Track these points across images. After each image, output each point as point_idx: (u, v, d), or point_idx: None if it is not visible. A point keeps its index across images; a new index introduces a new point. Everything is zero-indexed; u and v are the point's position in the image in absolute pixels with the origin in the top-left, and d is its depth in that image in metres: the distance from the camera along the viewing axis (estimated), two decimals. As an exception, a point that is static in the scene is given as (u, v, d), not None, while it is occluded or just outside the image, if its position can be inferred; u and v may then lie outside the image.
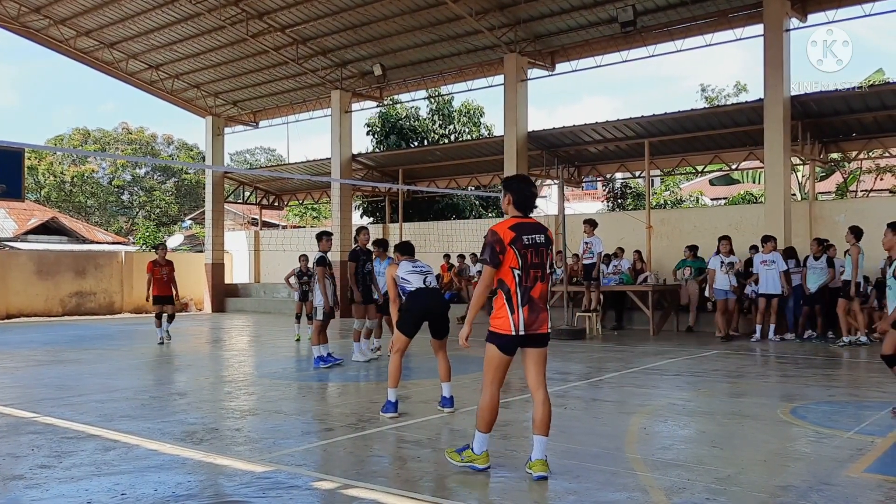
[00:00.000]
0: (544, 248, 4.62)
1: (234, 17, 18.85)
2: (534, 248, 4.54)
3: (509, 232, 4.50)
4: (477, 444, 4.69)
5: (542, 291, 4.58)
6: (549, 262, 4.67)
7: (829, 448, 5.39)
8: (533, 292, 4.54)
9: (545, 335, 4.63)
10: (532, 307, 4.53)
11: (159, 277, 13.60)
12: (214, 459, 5.19)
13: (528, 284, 4.53)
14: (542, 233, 4.65)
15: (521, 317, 4.50)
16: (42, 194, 39.75)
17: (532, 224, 4.64)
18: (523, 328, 4.51)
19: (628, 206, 25.23)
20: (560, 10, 16.63)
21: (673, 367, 9.84)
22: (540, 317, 4.57)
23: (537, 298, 4.55)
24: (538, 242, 4.58)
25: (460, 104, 28.65)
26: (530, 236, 4.56)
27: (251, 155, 60.68)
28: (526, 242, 4.52)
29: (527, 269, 4.52)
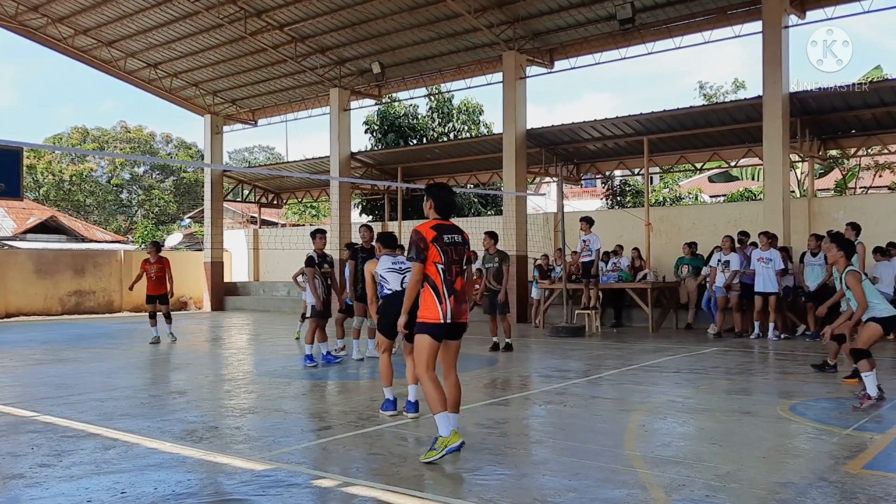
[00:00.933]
0: (462, 246, 5.15)
1: (232, 15, 18.83)
2: (453, 247, 5.07)
3: (431, 231, 5.01)
4: (441, 428, 4.92)
5: (462, 285, 5.13)
6: (465, 259, 5.18)
7: (828, 445, 5.40)
8: (456, 285, 5.06)
9: (464, 325, 5.15)
10: (457, 298, 5.05)
11: (150, 276, 13.46)
12: (214, 458, 5.19)
13: (451, 278, 5.03)
14: (460, 234, 5.18)
15: (449, 306, 4.99)
16: (41, 193, 39.73)
17: (451, 226, 5.17)
18: (450, 317, 4.99)
19: (627, 203, 25.23)
20: (558, 8, 16.62)
21: (672, 365, 9.85)
22: (462, 307, 5.11)
23: (459, 291, 5.09)
24: (457, 241, 5.11)
25: (459, 102, 28.65)
26: (450, 236, 5.09)
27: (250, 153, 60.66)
28: (446, 241, 5.04)
29: (449, 265, 5.03)
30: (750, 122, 16.23)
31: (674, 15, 16.14)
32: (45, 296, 22.47)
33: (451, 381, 5.14)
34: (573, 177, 21.69)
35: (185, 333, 15.50)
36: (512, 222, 17.66)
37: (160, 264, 13.62)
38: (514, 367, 9.93)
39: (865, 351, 6.88)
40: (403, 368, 6.77)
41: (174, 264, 14.27)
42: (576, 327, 14.16)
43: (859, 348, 6.93)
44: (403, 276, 6.85)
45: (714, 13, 15.81)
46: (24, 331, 16.98)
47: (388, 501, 4.22)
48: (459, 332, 5.17)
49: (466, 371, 9.48)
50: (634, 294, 15.01)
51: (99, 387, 8.47)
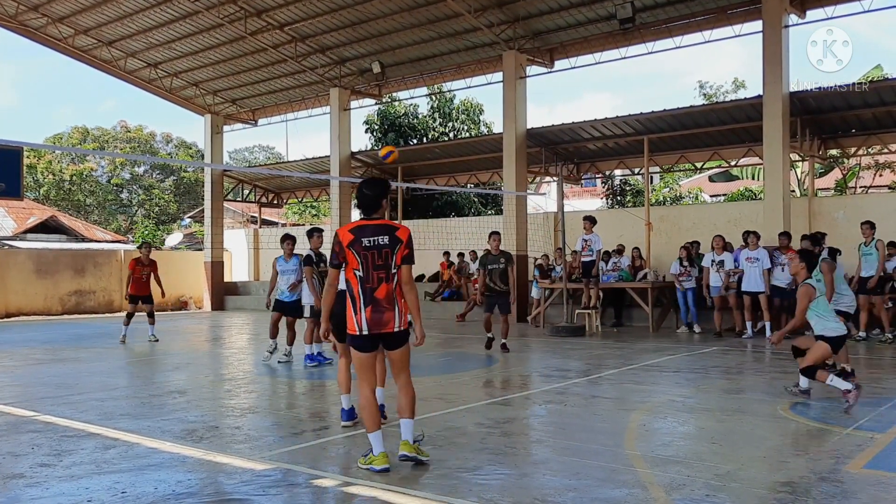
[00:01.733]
0: (388, 248, 4.62)
1: (232, 14, 18.84)
2: (376, 250, 4.59)
3: (348, 235, 4.63)
4: (374, 446, 4.74)
5: (388, 292, 4.62)
6: (394, 261, 4.64)
7: (829, 444, 5.40)
8: (377, 293, 4.61)
9: (392, 334, 4.68)
10: (375, 308, 4.61)
11: (139, 277, 13.25)
12: (214, 457, 5.19)
13: (372, 285, 4.60)
14: (388, 234, 4.63)
15: (364, 317, 4.61)
16: (41, 193, 39.73)
17: (375, 226, 4.65)
18: (367, 328, 4.62)
19: (627, 203, 25.24)
20: (559, 7, 16.62)
21: (672, 364, 9.85)
22: (384, 317, 4.63)
23: (382, 299, 4.62)
24: (381, 244, 4.60)
25: (459, 102, 28.64)
26: (371, 238, 4.60)
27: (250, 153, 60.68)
28: (366, 244, 4.58)
29: (368, 271, 4.60)
30: (750, 122, 16.23)
31: (674, 14, 16.14)
32: (45, 295, 22.47)
33: (399, 384, 4.82)
34: (573, 176, 21.70)
35: (185, 333, 15.50)
36: (512, 222, 17.66)
37: (151, 267, 13.42)
38: (514, 367, 9.93)
39: (814, 368, 6.86)
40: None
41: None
42: (576, 327, 14.16)
43: (809, 366, 6.91)
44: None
45: (714, 13, 15.81)
46: (25, 330, 16.98)
47: (388, 501, 4.21)
48: (396, 342, 4.72)
49: (467, 371, 9.50)
50: (635, 294, 15.02)
51: (99, 386, 8.47)
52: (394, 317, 4.66)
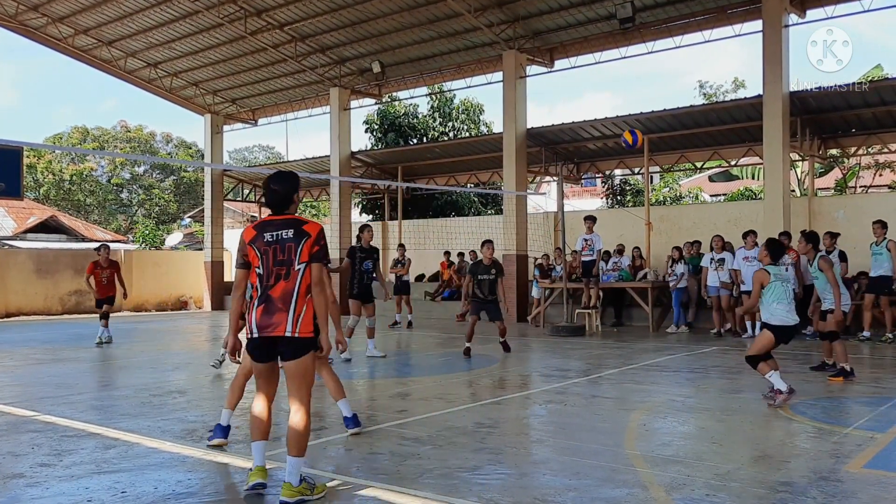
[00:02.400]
0: (292, 243, 4.21)
1: (232, 14, 18.83)
2: (278, 245, 4.21)
3: (251, 231, 4.29)
4: (255, 456, 4.41)
5: (285, 291, 4.17)
6: (298, 258, 4.20)
7: (829, 444, 5.40)
8: (272, 291, 4.19)
9: (283, 340, 4.18)
10: (267, 307, 4.18)
11: (99, 280, 12.97)
12: (214, 457, 5.19)
13: (270, 283, 4.21)
14: (293, 227, 4.23)
15: (254, 317, 4.20)
16: (41, 193, 39.72)
17: (281, 220, 4.28)
18: (256, 330, 4.20)
19: (627, 202, 25.23)
20: (558, 7, 16.62)
21: (672, 364, 9.85)
22: (274, 318, 4.16)
23: (276, 298, 4.18)
24: (284, 238, 4.21)
25: (459, 101, 28.64)
26: (275, 233, 4.23)
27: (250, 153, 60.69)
28: (268, 239, 4.22)
29: (268, 268, 4.22)
30: (750, 122, 16.23)
31: (674, 14, 16.14)
32: (45, 295, 22.46)
33: (292, 409, 4.24)
34: (573, 176, 21.69)
35: (185, 333, 15.51)
36: (512, 222, 17.65)
37: (112, 269, 13.14)
38: (514, 367, 9.93)
39: (757, 357, 6.91)
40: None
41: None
42: (576, 326, 14.16)
43: (752, 355, 6.95)
44: None
45: (714, 12, 15.80)
46: (25, 330, 16.97)
47: (389, 500, 4.21)
48: (290, 351, 4.19)
49: (467, 371, 9.49)
50: (635, 293, 15.02)
51: (99, 386, 8.47)
52: (286, 319, 4.15)
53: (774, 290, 6.94)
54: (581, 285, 14.81)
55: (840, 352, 8.37)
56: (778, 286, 6.94)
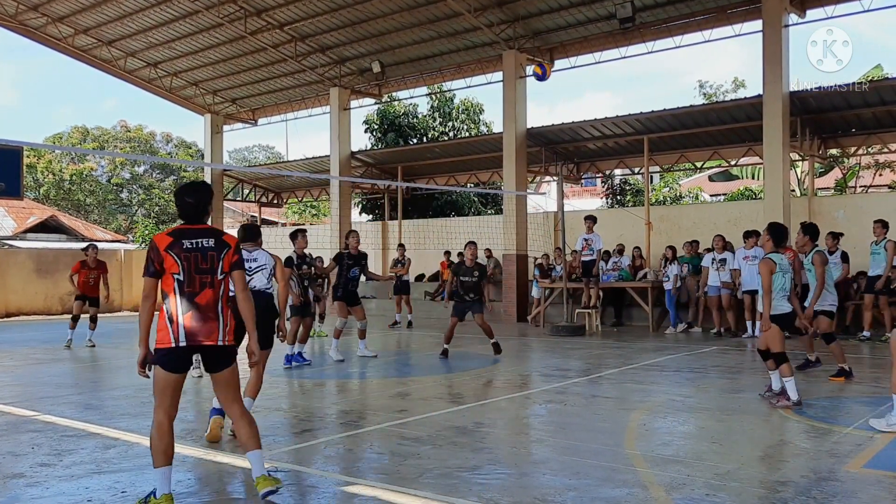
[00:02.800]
0: (214, 252, 4.17)
1: (231, 14, 18.83)
2: (199, 253, 4.13)
3: (167, 238, 4.15)
4: (158, 486, 4.08)
5: (211, 299, 4.13)
6: (221, 266, 4.18)
7: (829, 444, 5.40)
8: (199, 299, 4.10)
9: (215, 349, 4.15)
10: (196, 314, 4.09)
11: (84, 280, 12.71)
12: (214, 457, 5.19)
13: (194, 290, 4.10)
14: (213, 237, 4.21)
15: (182, 325, 4.06)
16: (41, 193, 39.70)
17: (198, 229, 4.22)
18: (184, 338, 4.06)
19: (627, 202, 25.23)
20: (558, 7, 16.61)
21: (672, 364, 9.85)
22: (207, 326, 4.11)
23: (204, 306, 4.11)
24: (205, 247, 4.15)
25: (459, 101, 28.63)
26: (194, 241, 4.15)
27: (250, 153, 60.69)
28: (188, 247, 4.12)
29: (191, 274, 4.10)
30: (750, 122, 16.22)
31: (674, 14, 16.14)
32: (45, 295, 22.46)
33: (234, 415, 4.25)
34: (573, 176, 21.68)
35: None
36: (512, 221, 17.65)
37: (99, 270, 12.88)
38: (514, 367, 9.93)
39: (768, 352, 6.93)
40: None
41: (108, 267, 13.83)
42: (576, 326, 14.16)
43: (780, 352, 6.86)
44: (251, 277, 6.15)
45: (714, 12, 15.80)
46: (25, 330, 16.98)
47: (389, 500, 4.21)
48: (220, 360, 4.20)
49: (467, 371, 9.49)
50: (635, 293, 15.02)
51: (99, 386, 8.47)
52: (218, 328, 4.13)
53: (776, 281, 6.95)
54: (581, 285, 14.81)
55: (838, 352, 8.37)
56: (778, 277, 6.95)
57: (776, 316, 6.91)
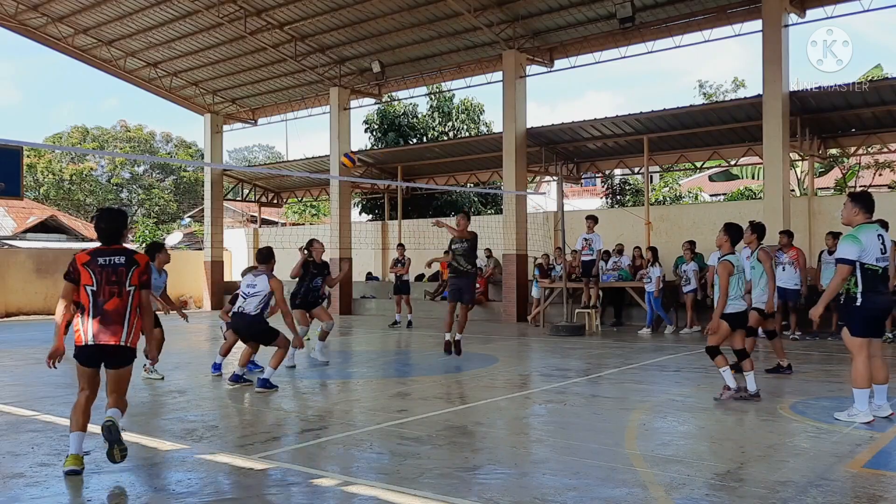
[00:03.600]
0: (123, 268, 4.96)
1: (231, 14, 18.82)
2: (110, 269, 4.94)
3: (85, 255, 4.98)
4: (71, 445, 4.84)
5: (119, 307, 4.89)
6: (129, 280, 4.95)
7: (829, 443, 5.40)
8: (107, 306, 4.88)
9: (115, 348, 4.88)
10: (103, 319, 4.87)
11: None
12: (214, 457, 5.19)
13: (104, 299, 4.90)
14: (124, 255, 5.01)
15: (91, 327, 4.87)
16: (41, 192, 39.72)
17: (112, 250, 5.04)
18: (91, 338, 4.85)
19: (627, 202, 25.23)
20: (558, 7, 16.60)
21: (672, 364, 9.85)
22: (110, 328, 4.88)
23: (111, 311, 4.89)
24: (116, 263, 4.96)
25: (459, 101, 28.63)
26: (108, 258, 4.97)
27: (250, 152, 60.69)
28: (101, 262, 4.94)
29: (101, 286, 4.91)
30: (750, 121, 16.23)
31: (673, 14, 16.13)
32: (45, 295, 22.44)
33: (110, 403, 5.00)
34: (573, 176, 21.68)
35: (184, 333, 15.51)
36: (512, 221, 17.65)
37: None
38: (514, 366, 9.93)
39: (716, 349, 7.10)
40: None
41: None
42: (576, 326, 14.16)
43: (710, 346, 7.15)
44: (245, 298, 7.88)
45: (714, 12, 15.79)
46: (25, 330, 16.97)
47: (389, 500, 4.21)
48: (117, 359, 4.92)
49: (466, 370, 9.48)
50: (634, 293, 15.01)
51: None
52: (121, 331, 4.89)
53: (733, 283, 6.98)
54: (581, 285, 14.81)
55: (778, 348, 8.67)
56: (735, 279, 7.00)
57: (729, 314, 7.07)
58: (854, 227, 6.26)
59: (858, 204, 6.35)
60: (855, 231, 6.20)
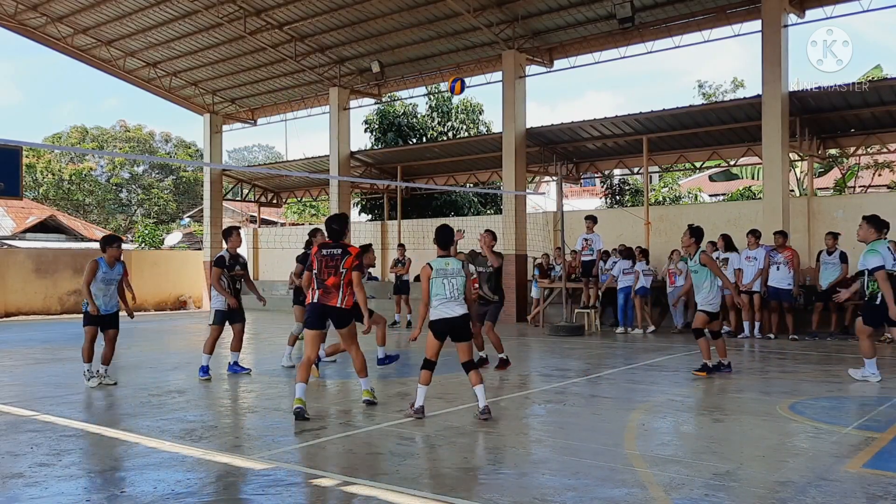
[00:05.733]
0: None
1: (231, 14, 18.82)
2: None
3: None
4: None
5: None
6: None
7: (828, 444, 5.40)
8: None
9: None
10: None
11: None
12: (214, 457, 5.19)
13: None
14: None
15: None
16: (40, 192, 39.69)
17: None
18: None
19: (626, 202, 25.23)
20: (558, 7, 16.61)
21: (671, 364, 9.85)
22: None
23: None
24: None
25: (458, 101, 28.62)
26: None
27: (249, 152, 60.67)
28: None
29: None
30: (749, 121, 16.23)
31: (673, 14, 16.14)
32: (44, 295, 22.45)
33: None
34: (573, 176, 21.68)
35: (184, 333, 15.51)
36: (511, 221, 17.66)
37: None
38: (514, 367, 9.92)
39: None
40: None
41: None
42: (575, 326, 14.16)
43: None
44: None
45: (713, 12, 15.80)
46: (24, 330, 16.97)
47: (388, 500, 4.21)
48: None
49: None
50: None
51: (98, 386, 8.45)
52: None
53: (434, 286, 6.45)
54: (580, 285, 14.81)
55: (703, 348, 8.74)
56: (437, 282, 6.45)
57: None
58: (870, 243, 8.16)
59: (872, 225, 8.33)
60: (872, 246, 8.10)
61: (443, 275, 6.43)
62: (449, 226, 6.88)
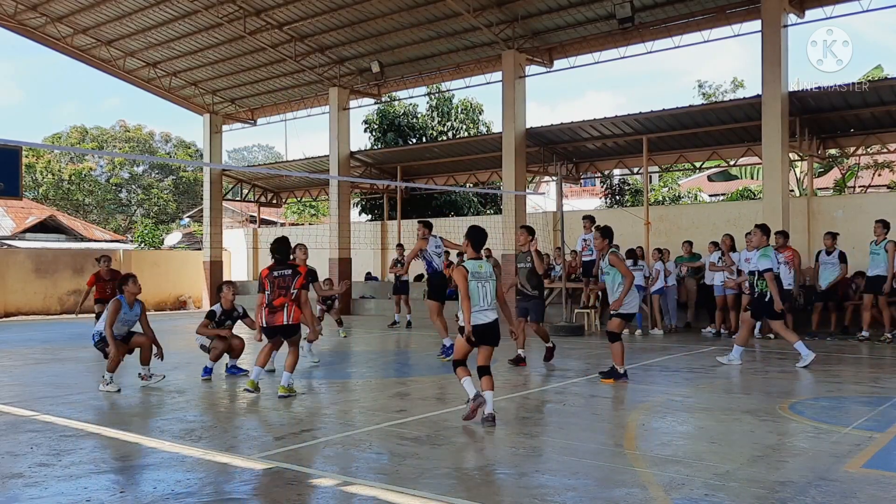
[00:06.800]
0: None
1: (231, 14, 18.81)
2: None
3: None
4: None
5: None
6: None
7: (828, 443, 5.40)
8: None
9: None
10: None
11: (104, 291, 12.21)
12: (213, 457, 5.19)
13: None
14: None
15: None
16: (40, 192, 39.70)
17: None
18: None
19: (626, 202, 25.23)
20: (558, 7, 16.61)
21: (671, 364, 9.85)
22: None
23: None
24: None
25: (459, 101, 28.62)
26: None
27: (249, 152, 60.67)
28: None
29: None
30: (749, 121, 16.23)
31: (673, 14, 16.13)
32: (44, 295, 22.45)
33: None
34: (572, 176, 21.68)
35: (184, 333, 15.50)
36: (511, 221, 17.66)
37: (114, 280, 11.89)
38: (514, 367, 9.92)
39: (458, 362, 6.41)
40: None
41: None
42: (575, 326, 14.16)
43: (454, 360, 6.51)
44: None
45: (713, 12, 15.80)
46: (24, 330, 16.96)
47: (388, 500, 4.21)
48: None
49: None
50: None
51: (98, 386, 8.45)
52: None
53: (472, 291, 6.21)
54: (580, 285, 14.81)
55: (617, 353, 8.27)
56: (472, 285, 6.21)
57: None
58: (762, 248, 9.42)
59: (764, 232, 9.54)
60: (764, 251, 9.36)
61: (477, 278, 6.21)
62: (481, 227, 6.61)
